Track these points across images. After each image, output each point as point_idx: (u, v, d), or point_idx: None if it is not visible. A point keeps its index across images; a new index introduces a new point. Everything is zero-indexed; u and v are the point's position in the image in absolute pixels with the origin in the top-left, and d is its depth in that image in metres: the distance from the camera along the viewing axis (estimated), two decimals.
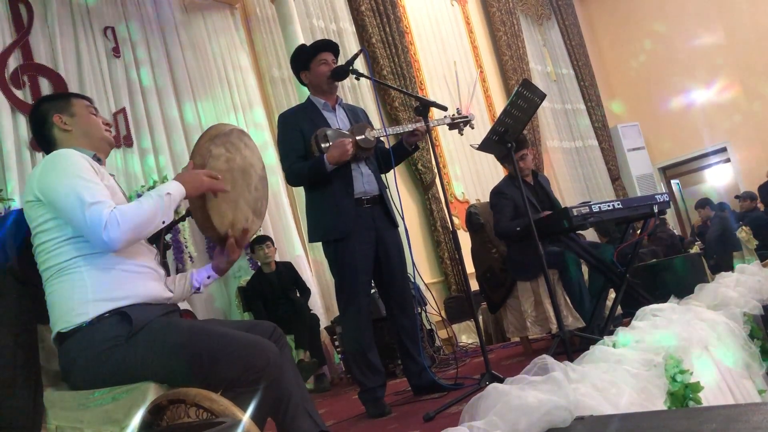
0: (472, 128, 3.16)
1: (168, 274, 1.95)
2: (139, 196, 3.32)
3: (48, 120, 1.83)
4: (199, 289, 2.01)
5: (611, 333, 2.48)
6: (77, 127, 1.84)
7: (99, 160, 1.83)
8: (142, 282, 1.71)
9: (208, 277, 2.01)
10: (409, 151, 3.03)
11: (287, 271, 5.04)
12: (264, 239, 4.92)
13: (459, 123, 3.11)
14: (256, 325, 1.81)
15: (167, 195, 1.70)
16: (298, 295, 4.98)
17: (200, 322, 1.83)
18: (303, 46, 3.13)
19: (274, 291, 4.84)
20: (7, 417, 1.53)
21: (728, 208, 8.71)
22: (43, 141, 1.85)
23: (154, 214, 1.67)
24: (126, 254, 1.69)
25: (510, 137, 2.98)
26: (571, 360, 2.05)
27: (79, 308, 1.61)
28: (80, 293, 1.62)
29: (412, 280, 3.13)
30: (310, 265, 5.60)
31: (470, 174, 7.59)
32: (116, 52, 4.99)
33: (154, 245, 1.89)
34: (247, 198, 1.99)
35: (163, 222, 1.69)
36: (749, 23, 9.66)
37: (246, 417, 1.32)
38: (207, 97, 5.44)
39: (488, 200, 3.79)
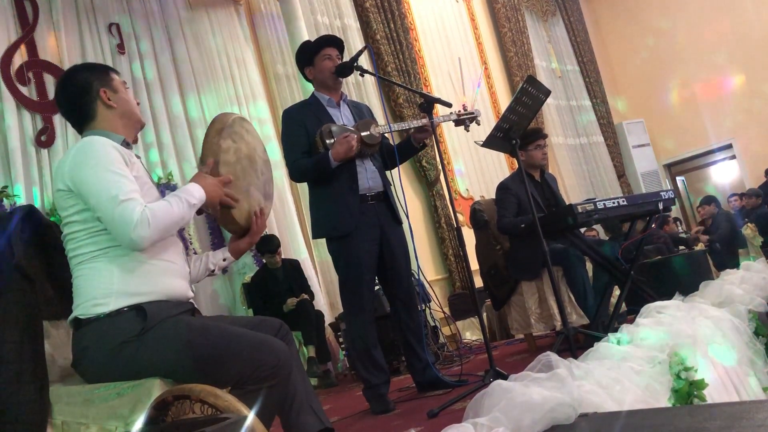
0: (478, 124, 3.14)
1: None
2: None
3: (91, 92, 1.77)
4: (213, 271, 2.00)
5: (615, 330, 2.47)
6: (119, 105, 1.80)
7: (128, 145, 1.82)
8: (167, 278, 1.71)
9: (224, 260, 2.00)
10: (416, 148, 3.01)
11: (293, 269, 5.03)
12: (275, 248, 4.85)
13: (465, 119, 3.08)
14: (262, 322, 1.81)
15: (193, 205, 1.71)
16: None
17: (211, 320, 1.83)
18: (307, 42, 3.13)
19: (280, 286, 4.84)
20: (14, 412, 1.53)
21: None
22: (78, 112, 1.78)
23: (181, 219, 1.68)
24: (157, 249, 1.69)
25: (514, 134, 2.97)
26: (576, 357, 2.05)
27: (100, 298, 1.61)
28: (106, 283, 1.62)
29: (416, 276, 3.12)
30: (315, 263, 5.60)
31: (475, 171, 7.58)
32: (121, 48, 5.00)
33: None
34: (257, 183, 2.02)
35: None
36: (754, 19, 9.61)
37: (251, 414, 1.32)
38: (211, 93, 5.44)
39: (493, 196, 3.79)
